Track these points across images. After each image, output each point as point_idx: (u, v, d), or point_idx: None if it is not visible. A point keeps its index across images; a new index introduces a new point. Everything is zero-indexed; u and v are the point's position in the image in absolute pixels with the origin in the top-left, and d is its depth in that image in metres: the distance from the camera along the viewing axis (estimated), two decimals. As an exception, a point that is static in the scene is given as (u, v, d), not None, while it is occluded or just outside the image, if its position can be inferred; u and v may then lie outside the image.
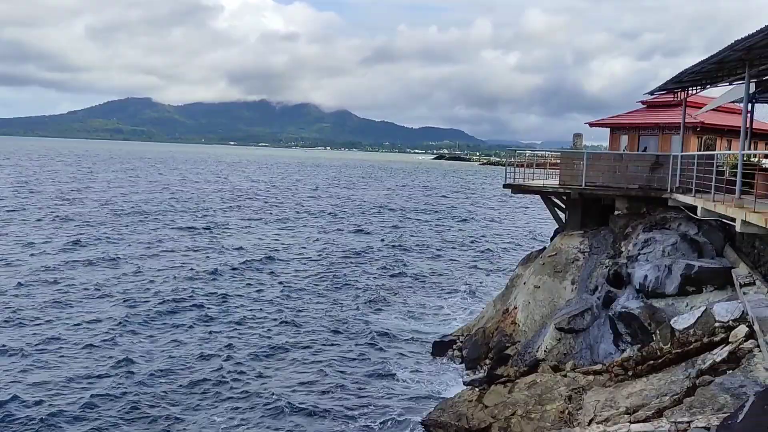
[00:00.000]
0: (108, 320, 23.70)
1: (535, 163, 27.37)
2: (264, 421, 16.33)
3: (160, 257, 36.28)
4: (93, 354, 20.25)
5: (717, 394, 9.53)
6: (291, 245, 42.56)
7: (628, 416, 10.35)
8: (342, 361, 20.86)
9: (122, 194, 72.34)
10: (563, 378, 14.57)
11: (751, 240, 15.78)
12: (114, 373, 18.61)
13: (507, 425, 14.05)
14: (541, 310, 19.85)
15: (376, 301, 28.74)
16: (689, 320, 13.02)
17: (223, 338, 22.51)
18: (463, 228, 56.15)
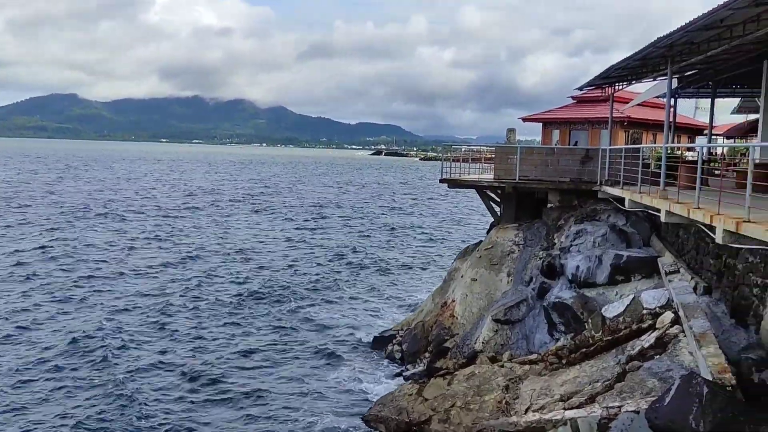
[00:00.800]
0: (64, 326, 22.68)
1: (471, 157, 27.76)
2: (198, 421, 15.95)
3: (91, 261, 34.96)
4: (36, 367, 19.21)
5: (645, 379, 9.88)
6: (231, 244, 41.79)
7: (562, 403, 10.61)
8: (281, 360, 20.60)
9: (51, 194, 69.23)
10: (500, 368, 14.83)
11: (675, 230, 16.45)
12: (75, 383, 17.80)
13: (447, 417, 14.19)
14: (479, 302, 20.14)
15: (315, 298, 28.55)
16: (619, 308, 13.48)
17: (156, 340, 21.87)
18: (402, 223, 56.49)
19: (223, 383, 18.48)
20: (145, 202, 64.77)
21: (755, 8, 11.55)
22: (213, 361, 20.18)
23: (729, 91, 27.40)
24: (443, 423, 13.99)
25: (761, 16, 12.08)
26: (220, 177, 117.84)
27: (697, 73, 22.74)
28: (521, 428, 8.98)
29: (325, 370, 19.77)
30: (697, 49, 15.54)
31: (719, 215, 10.55)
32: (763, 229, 9.03)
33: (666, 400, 7.71)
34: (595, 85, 23.46)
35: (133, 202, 64.26)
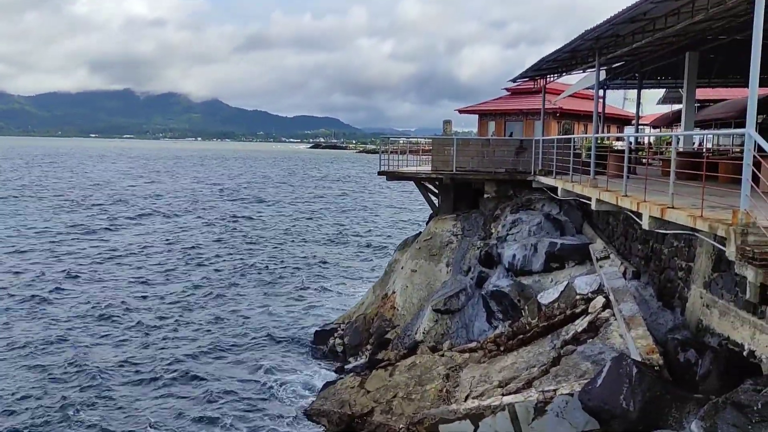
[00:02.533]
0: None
1: (409, 149, 27.91)
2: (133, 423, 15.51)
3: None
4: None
5: (579, 362, 10.18)
6: (170, 240, 40.74)
7: (501, 389, 10.82)
8: (220, 357, 20.25)
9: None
10: (441, 358, 15.00)
11: (606, 217, 17.02)
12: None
13: (389, 408, 14.26)
14: (419, 293, 20.32)
15: (255, 293, 28.19)
16: (553, 295, 13.85)
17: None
18: (341, 216, 56.38)
19: (162, 380, 18.06)
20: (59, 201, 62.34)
21: (675, 2, 12.01)
22: (154, 356, 19.73)
23: (654, 83, 28.52)
24: (385, 414, 14.06)
25: (681, 10, 12.56)
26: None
27: (624, 65, 23.53)
28: (461, 415, 9.11)
29: (266, 365, 19.54)
30: (623, 41, 16.07)
31: (645, 202, 10.95)
32: (686, 214, 9.43)
33: (598, 382, 7.96)
34: (528, 77, 23.95)
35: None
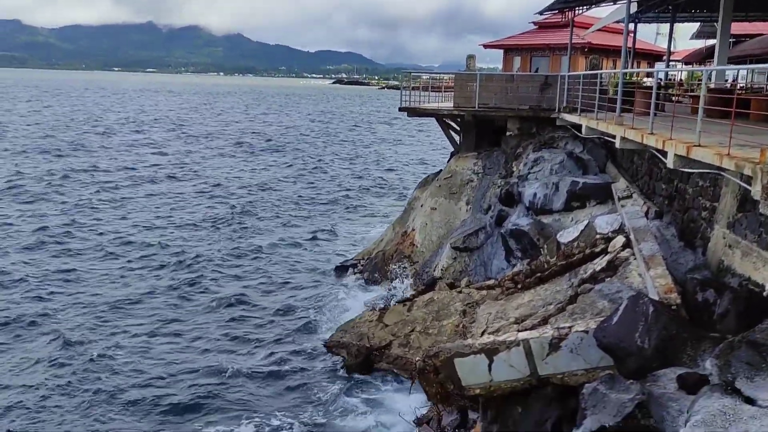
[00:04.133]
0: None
1: (431, 86, 27.42)
2: (168, 349, 16.04)
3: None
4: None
5: (596, 301, 10.18)
6: (193, 178, 41.09)
7: (516, 326, 10.91)
8: (244, 290, 20.67)
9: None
10: (458, 294, 15.14)
11: (630, 156, 16.68)
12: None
13: (406, 341, 14.54)
14: (438, 231, 20.35)
15: (277, 230, 28.49)
16: (573, 234, 13.74)
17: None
18: (362, 154, 56.15)
19: (188, 311, 18.58)
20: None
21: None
22: (176, 282, 20.25)
23: (688, 16, 27.35)
24: (403, 347, 14.35)
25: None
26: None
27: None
28: (476, 350, 9.20)
29: (286, 299, 19.94)
30: (657, -29, 15.34)
31: (671, 140, 10.67)
32: (712, 152, 9.18)
33: (614, 320, 7.95)
34: (557, 9, 23.12)
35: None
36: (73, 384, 14.46)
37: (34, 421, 12.95)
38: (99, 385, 14.42)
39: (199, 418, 13.31)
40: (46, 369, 15.10)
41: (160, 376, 15.05)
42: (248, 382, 14.78)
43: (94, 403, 13.74)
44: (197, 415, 13.40)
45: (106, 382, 14.61)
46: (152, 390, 14.37)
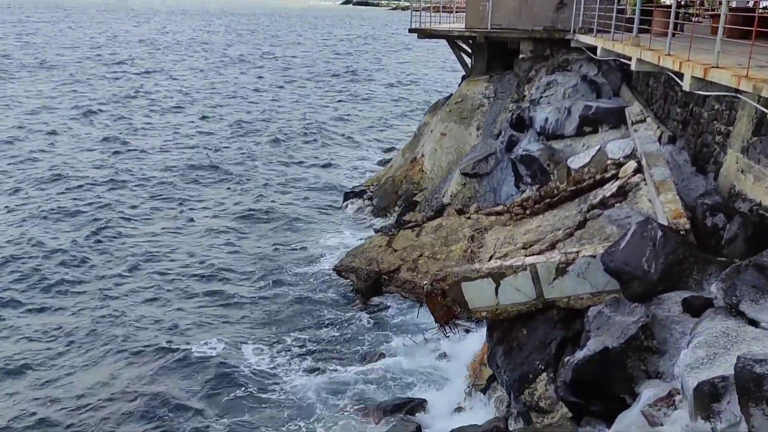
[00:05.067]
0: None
1: (443, 6, 26.58)
2: (178, 272, 16.38)
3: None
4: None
5: (604, 226, 10.16)
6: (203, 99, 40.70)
7: (524, 250, 10.96)
8: (254, 213, 20.84)
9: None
10: (467, 220, 15.17)
11: (646, 79, 16.26)
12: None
13: (415, 266, 14.71)
14: (448, 156, 20.21)
15: (285, 156, 28.41)
16: (584, 159, 13.60)
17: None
18: (372, 79, 55.17)
19: (201, 232, 18.83)
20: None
21: None
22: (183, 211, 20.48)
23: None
24: (411, 271, 14.53)
25: None
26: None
27: None
28: (483, 274, 9.30)
29: (296, 226, 20.10)
30: None
31: (688, 62, 10.35)
32: (730, 74, 8.91)
33: (621, 245, 7.96)
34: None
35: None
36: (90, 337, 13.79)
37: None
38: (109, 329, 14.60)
39: (207, 337, 13.69)
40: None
41: (168, 298, 15.43)
42: (259, 306, 15.12)
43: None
44: (206, 334, 13.78)
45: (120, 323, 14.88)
46: (164, 310, 14.76)
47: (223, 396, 11.73)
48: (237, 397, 11.69)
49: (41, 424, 11.00)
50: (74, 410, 11.38)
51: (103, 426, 10.97)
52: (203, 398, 11.66)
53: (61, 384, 12.17)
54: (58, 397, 11.73)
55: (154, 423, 11.01)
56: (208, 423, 10.94)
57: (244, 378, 12.20)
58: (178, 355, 12.94)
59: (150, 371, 12.49)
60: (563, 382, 7.17)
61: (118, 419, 11.13)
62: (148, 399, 11.56)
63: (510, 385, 9.16)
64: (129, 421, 11.07)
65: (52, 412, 11.30)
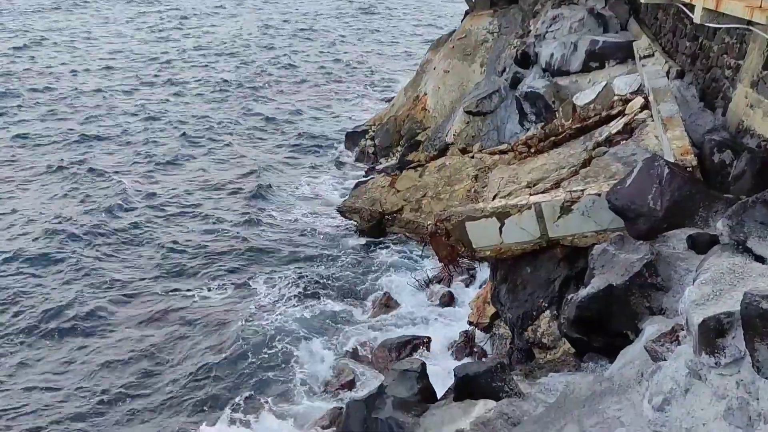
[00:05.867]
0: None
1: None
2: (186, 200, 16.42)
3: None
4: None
5: (610, 164, 10.06)
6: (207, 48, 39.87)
7: (528, 189, 10.90)
8: (262, 152, 20.74)
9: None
10: (471, 159, 15.05)
11: (655, 11, 15.80)
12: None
13: (418, 206, 14.70)
14: (451, 95, 19.89)
15: (285, 98, 28.03)
16: (590, 96, 13.37)
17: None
18: (371, 16, 53.79)
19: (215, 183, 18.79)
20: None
21: None
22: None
23: None
24: (414, 212, 14.53)
25: None
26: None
27: None
28: (487, 213, 9.27)
29: (298, 166, 20.02)
30: None
31: (700, -8, 10.01)
32: (743, 5, 8.61)
33: (627, 182, 7.88)
34: None
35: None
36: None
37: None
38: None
39: (212, 275, 13.84)
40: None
41: (175, 234, 15.51)
42: (262, 247, 15.20)
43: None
44: (211, 276, 13.93)
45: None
46: (172, 254, 14.86)
47: (225, 332, 11.93)
48: (241, 332, 11.90)
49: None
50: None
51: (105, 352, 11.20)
52: (208, 335, 11.87)
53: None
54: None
55: (157, 358, 11.28)
56: (212, 361, 11.17)
57: (247, 313, 12.41)
58: (180, 294, 13.11)
59: (155, 312, 12.69)
60: (566, 319, 7.23)
61: (121, 353, 11.38)
62: (154, 338, 11.81)
63: (513, 323, 9.27)
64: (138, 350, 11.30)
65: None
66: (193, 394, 10.53)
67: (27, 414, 10.28)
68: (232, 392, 10.46)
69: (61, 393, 10.69)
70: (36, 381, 11.01)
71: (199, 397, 10.45)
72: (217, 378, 10.83)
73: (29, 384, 10.93)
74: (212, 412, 10.09)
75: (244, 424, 9.75)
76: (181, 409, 10.27)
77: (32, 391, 10.79)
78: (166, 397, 10.57)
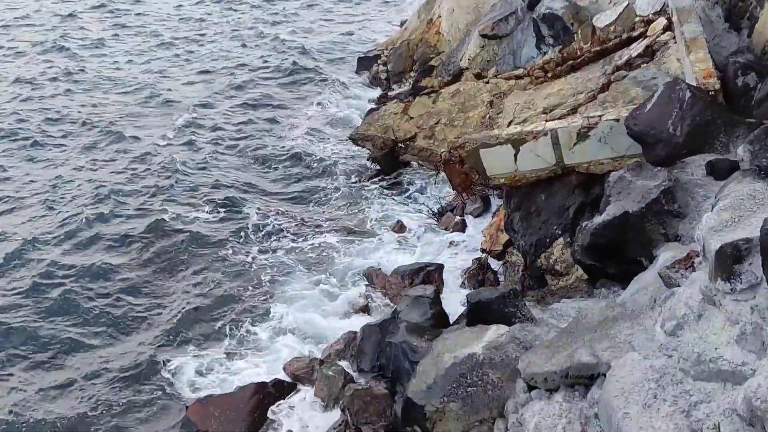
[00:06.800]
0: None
1: None
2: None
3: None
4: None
5: (629, 88, 9.81)
6: None
7: (544, 115, 10.70)
8: (271, 83, 20.47)
9: None
10: (485, 85, 14.73)
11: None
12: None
13: (431, 134, 14.51)
14: (466, 17, 19.26)
15: (295, 20, 27.35)
16: (611, 17, 12.91)
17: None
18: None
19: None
20: None
21: None
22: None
23: None
24: (428, 139, 14.36)
25: None
26: None
27: None
28: (502, 140, 9.14)
29: (309, 93, 19.75)
30: None
31: None
32: None
33: (647, 107, 7.69)
34: None
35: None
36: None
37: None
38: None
39: (209, 203, 13.95)
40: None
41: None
42: (269, 169, 15.21)
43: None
44: (211, 200, 14.02)
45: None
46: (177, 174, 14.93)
47: (232, 258, 12.10)
48: (251, 259, 12.07)
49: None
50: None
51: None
52: (212, 262, 12.05)
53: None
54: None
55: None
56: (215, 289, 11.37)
57: (253, 240, 12.60)
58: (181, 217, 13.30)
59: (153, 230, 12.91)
60: (580, 246, 7.24)
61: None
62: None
63: (526, 250, 9.30)
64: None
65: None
66: (206, 315, 10.72)
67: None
68: (243, 316, 10.64)
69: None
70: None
71: (207, 321, 10.60)
72: (227, 302, 10.99)
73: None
74: (218, 339, 10.24)
75: (256, 348, 9.98)
76: (189, 331, 10.43)
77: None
78: (174, 317, 10.73)
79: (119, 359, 9.90)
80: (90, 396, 9.28)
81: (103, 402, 9.16)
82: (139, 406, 9.07)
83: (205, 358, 9.80)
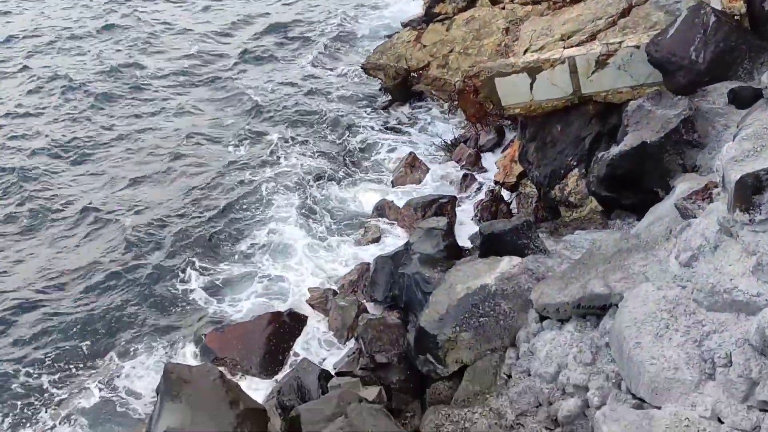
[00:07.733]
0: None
1: None
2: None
3: None
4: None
5: (651, 13, 9.46)
6: None
7: (562, 42, 10.38)
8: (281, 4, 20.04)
9: None
10: (501, 11, 14.26)
11: None
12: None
13: (445, 62, 14.19)
14: (481, -61, 18.47)
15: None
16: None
17: None
18: None
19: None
20: None
21: None
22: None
23: None
24: (441, 68, 14.05)
25: None
26: None
27: None
28: (518, 69, 8.89)
29: (317, 20, 19.30)
30: None
31: None
32: None
33: (669, 33, 7.41)
34: None
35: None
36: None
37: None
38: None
39: (229, 132, 13.88)
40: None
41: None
42: (280, 97, 15.05)
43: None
44: (229, 130, 13.94)
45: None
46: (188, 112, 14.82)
47: (249, 186, 12.19)
48: (264, 185, 12.16)
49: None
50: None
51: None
52: (228, 190, 12.18)
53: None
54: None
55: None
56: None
57: (267, 166, 12.73)
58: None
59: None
60: (596, 177, 7.15)
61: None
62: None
63: (540, 181, 9.21)
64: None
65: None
66: (221, 243, 10.90)
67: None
68: (255, 246, 10.76)
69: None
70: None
71: (222, 247, 10.82)
72: (241, 228, 11.16)
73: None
74: (233, 265, 10.41)
75: (268, 279, 10.09)
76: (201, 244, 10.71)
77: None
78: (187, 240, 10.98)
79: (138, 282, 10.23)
80: (119, 313, 9.64)
81: (125, 317, 9.54)
82: (159, 330, 9.33)
83: (221, 287, 9.97)
